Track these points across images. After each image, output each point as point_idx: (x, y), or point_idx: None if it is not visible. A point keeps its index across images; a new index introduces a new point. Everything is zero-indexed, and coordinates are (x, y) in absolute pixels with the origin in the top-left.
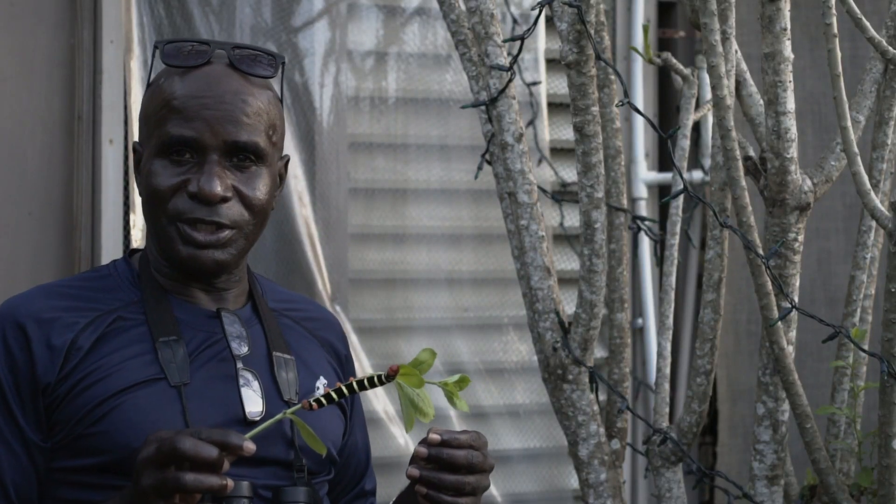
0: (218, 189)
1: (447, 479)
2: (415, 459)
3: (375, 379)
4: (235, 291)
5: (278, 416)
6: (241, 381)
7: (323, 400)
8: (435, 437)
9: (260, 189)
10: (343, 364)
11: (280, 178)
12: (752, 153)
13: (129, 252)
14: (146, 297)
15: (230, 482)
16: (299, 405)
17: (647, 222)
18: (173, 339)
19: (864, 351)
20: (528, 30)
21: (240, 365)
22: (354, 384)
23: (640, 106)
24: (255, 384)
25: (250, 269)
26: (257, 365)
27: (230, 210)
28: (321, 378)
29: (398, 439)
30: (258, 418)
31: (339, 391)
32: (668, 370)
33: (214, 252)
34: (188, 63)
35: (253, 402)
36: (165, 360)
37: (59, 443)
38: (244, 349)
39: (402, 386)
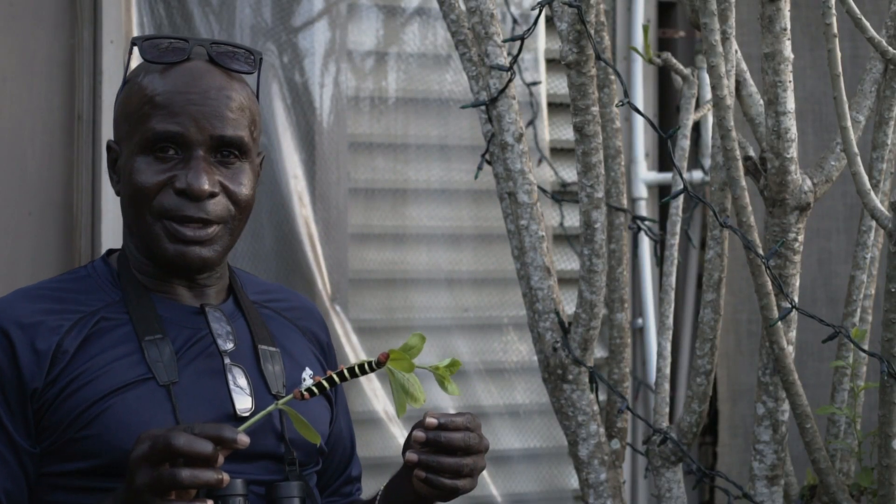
0: (206, 185)
1: (446, 461)
2: (410, 444)
3: (366, 365)
4: (217, 287)
5: (270, 408)
6: (230, 377)
7: (315, 389)
8: (432, 420)
9: (245, 184)
10: (325, 352)
11: (257, 174)
12: (752, 153)
13: (107, 252)
14: (128, 296)
15: (226, 476)
16: (290, 396)
17: (647, 222)
18: (159, 338)
19: (864, 351)
20: (528, 30)
21: (227, 360)
22: (345, 372)
23: (640, 106)
24: (243, 379)
25: (228, 263)
26: (243, 359)
27: (217, 206)
28: (307, 369)
29: (398, 439)
30: (248, 413)
31: (330, 380)
32: (668, 370)
33: (201, 249)
34: (168, 59)
35: (242, 397)
36: (152, 359)
37: (49, 448)
38: (230, 344)
39: (392, 371)
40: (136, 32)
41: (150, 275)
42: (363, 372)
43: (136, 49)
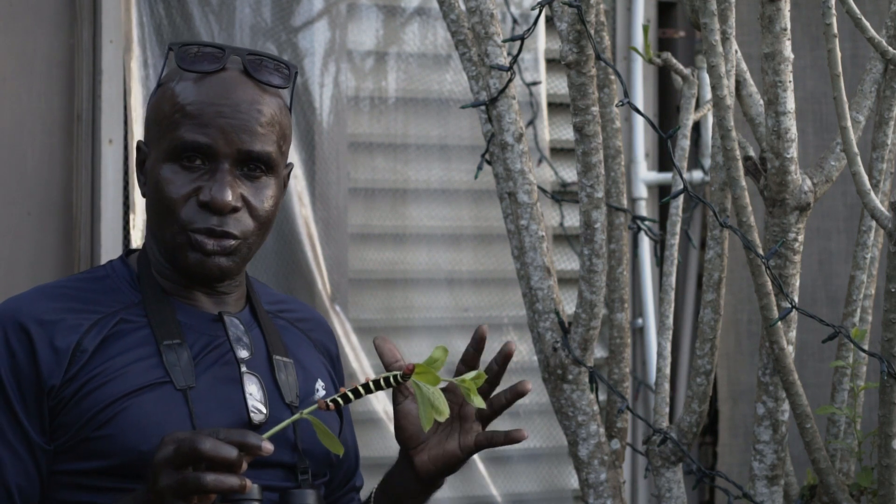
0: (229, 198)
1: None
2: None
3: (391, 378)
4: (236, 295)
5: (295, 417)
6: (245, 385)
7: (340, 400)
8: (484, 328)
9: (268, 200)
10: (335, 363)
11: (284, 185)
12: (752, 153)
13: (125, 252)
14: (147, 299)
15: (249, 482)
16: (315, 406)
17: (647, 222)
18: (177, 343)
19: (864, 351)
20: (528, 30)
21: (243, 369)
22: (371, 384)
23: (640, 106)
24: (258, 388)
25: (246, 272)
26: (259, 368)
27: (238, 221)
28: (318, 380)
29: None
30: (262, 421)
31: (355, 391)
32: (668, 370)
33: (220, 259)
34: (204, 68)
35: (257, 405)
36: (170, 363)
37: (64, 445)
38: (246, 353)
39: (418, 385)
40: (135, 32)
41: (172, 279)
42: (388, 385)
43: (172, 55)
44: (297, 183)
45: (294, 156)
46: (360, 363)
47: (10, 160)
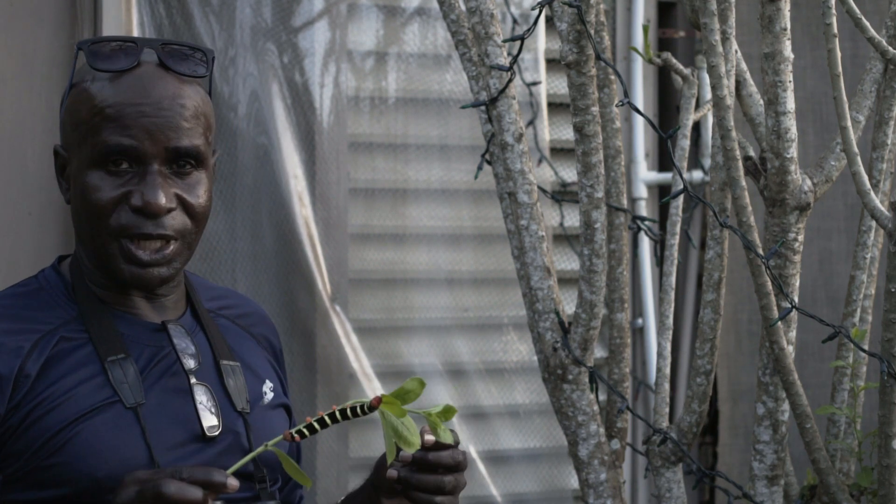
0: (163, 201)
1: (427, 479)
2: (387, 462)
3: (358, 408)
4: (174, 296)
5: (259, 450)
6: (196, 396)
7: (305, 431)
8: (430, 438)
9: (202, 196)
10: (279, 359)
11: (213, 173)
12: (752, 153)
13: (57, 259)
14: (85, 313)
15: None
16: (280, 437)
17: (647, 222)
18: (121, 358)
19: (864, 351)
20: (528, 30)
21: (193, 380)
22: (337, 413)
23: (640, 106)
24: (209, 397)
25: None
26: (207, 376)
27: (174, 220)
28: (266, 381)
29: None
30: (216, 433)
31: (321, 421)
32: (668, 370)
33: (159, 269)
34: (117, 66)
35: (209, 416)
36: (117, 380)
37: (14, 475)
38: (194, 362)
39: (384, 415)
40: (136, 32)
41: (107, 287)
42: (355, 415)
43: (83, 54)
44: (298, 183)
45: (294, 156)
46: (361, 363)
47: (11, 160)
